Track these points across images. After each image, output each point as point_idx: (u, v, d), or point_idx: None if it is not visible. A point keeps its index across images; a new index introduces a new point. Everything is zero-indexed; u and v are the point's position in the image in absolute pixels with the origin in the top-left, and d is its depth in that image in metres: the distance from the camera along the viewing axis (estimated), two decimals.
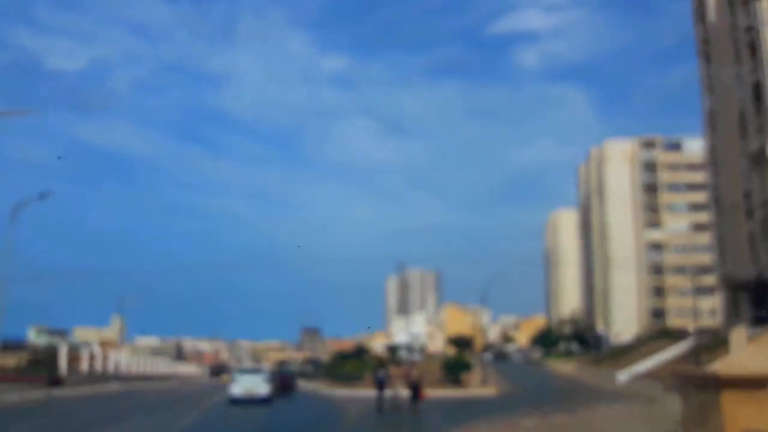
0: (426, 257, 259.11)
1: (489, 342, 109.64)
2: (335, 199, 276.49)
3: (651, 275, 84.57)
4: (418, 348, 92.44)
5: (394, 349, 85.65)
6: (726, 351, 36.77)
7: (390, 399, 25.00)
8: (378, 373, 26.11)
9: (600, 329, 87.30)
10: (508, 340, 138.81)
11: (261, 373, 32.38)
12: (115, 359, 60.33)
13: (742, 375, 7.85)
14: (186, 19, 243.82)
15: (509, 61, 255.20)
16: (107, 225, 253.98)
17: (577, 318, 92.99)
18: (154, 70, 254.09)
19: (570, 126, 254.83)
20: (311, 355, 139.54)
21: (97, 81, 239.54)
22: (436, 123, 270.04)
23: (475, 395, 38.30)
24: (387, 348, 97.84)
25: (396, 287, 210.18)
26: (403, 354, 74.20)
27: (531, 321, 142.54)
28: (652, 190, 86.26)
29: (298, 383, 48.29)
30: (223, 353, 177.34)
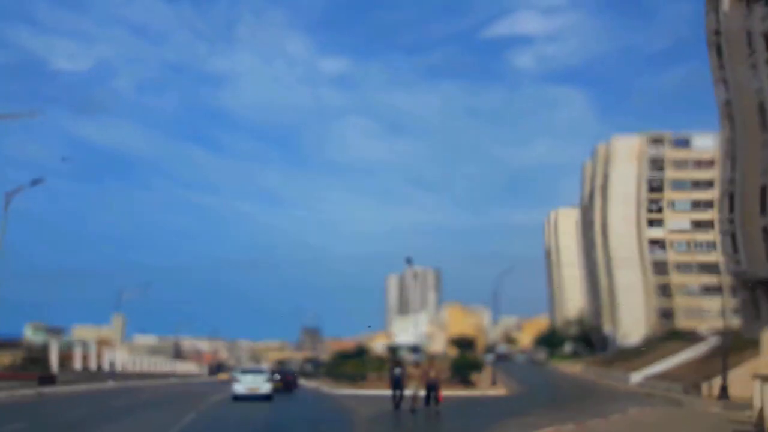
0: (426, 257, 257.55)
1: (490, 343, 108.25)
2: (335, 199, 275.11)
3: (656, 274, 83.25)
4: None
5: (394, 350, 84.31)
6: (752, 353, 35.55)
7: (409, 398, 23.80)
8: (394, 372, 24.86)
9: (607, 330, 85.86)
10: (510, 340, 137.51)
11: (262, 373, 34.61)
12: (111, 357, 59.73)
13: None
14: (186, 20, 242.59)
15: (507, 63, 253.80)
16: (107, 223, 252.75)
17: (584, 318, 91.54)
18: (154, 69, 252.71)
19: (570, 126, 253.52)
20: (311, 355, 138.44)
21: (98, 81, 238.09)
22: (435, 123, 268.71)
23: (487, 396, 37.48)
24: (388, 348, 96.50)
25: (396, 284, 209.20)
26: (405, 354, 72.85)
27: (533, 322, 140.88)
28: (657, 186, 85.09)
29: (299, 382, 50.47)
30: (223, 353, 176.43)
